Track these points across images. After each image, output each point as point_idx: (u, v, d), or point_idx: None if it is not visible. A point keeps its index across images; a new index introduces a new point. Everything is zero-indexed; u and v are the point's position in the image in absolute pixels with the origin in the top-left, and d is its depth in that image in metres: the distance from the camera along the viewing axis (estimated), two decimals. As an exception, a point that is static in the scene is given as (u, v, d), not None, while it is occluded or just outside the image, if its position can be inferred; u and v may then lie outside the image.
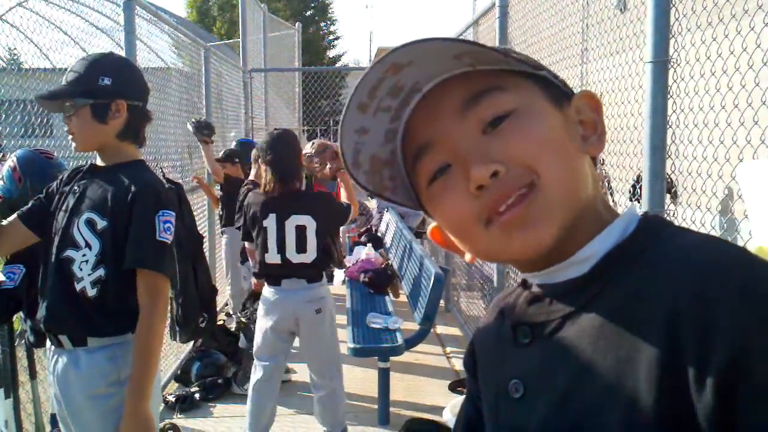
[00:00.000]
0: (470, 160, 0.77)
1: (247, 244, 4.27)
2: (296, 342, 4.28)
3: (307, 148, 4.86)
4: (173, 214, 2.34)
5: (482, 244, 0.81)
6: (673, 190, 2.67)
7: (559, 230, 0.77)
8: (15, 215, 2.41)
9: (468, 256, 0.88)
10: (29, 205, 2.44)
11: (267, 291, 4.05)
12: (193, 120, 6.08)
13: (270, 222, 3.90)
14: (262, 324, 4.03)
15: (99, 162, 2.42)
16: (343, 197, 4.41)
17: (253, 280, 4.79)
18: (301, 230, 3.90)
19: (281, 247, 3.89)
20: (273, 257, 3.92)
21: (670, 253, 0.72)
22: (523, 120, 0.79)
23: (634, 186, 2.99)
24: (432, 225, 0.91)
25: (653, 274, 0.71)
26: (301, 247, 3.90)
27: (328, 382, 4.08)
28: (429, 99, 0.82)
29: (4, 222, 2.39)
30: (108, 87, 2.33)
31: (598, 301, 0.76)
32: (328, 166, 4.77)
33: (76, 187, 2.36)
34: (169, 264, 2.34)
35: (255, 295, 5.01)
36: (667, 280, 0.69)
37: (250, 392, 4.11)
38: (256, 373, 4.08)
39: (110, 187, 2.31)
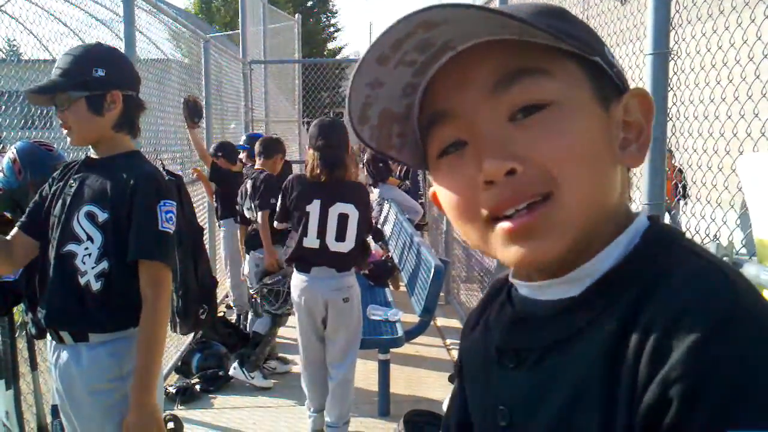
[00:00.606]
0: (487, 149, 0.70)
1: (277, 224, 4.30)
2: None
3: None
4: (174, 203, 2.31)
5: (476, 238, 0.75)
6: (682, 184, 2.63)
7: (567, 249, 0.70)
8: (16, 227, 2.38)
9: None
10: (27, 212, 2.41)
11: (296, 278, 4.07)
12: (189, 100, 5.98)
13: (314, 207, 3.93)
14: (299, 315, 4.10)
15: (93, 155, 2.38)
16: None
17: (266, 260, 4.95)
18: (343, 218, 3.94)
19: (321, 233, 3.92)
20: (311, 242, 3.94)
21: (663, 290, 0.65)
22: (559, 117, 0.69)
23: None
24: (433, 188, 0.84)
25: (641, 311, 0.65)
26: (341, 236, 3.94)
27: (344, 372, 4.12)
28: (461, 61, 0.72)
29: (8, 237, 2.36)
30: (102, 78, 2.28)
31: (587, 332, 0.69)
32: None
33: (72, 182, 2.33)
34: (171, 254, 2.32)
35: (266, 273, 5.12)
36: (654, 323, 0.63)
37: (303, 378, 4.24)
38: (306, 360, 4.19)
39: (109, 179, 2.27)
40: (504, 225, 0.70)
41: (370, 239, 6.93)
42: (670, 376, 0.59)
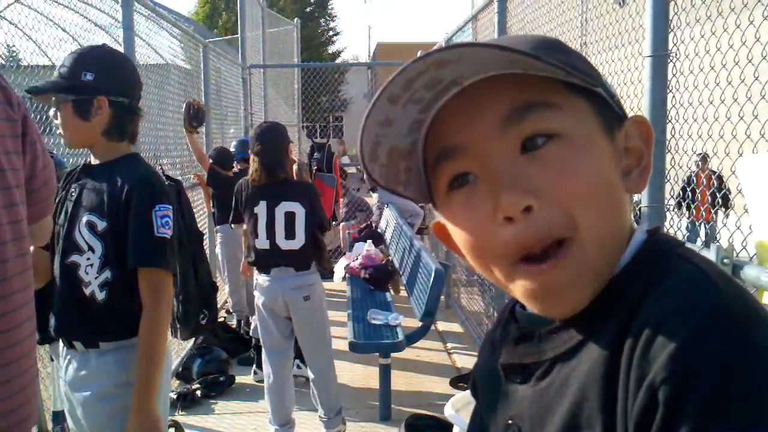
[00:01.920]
0: (503, 185, 0.70)
1: (234, 226, 4.48)
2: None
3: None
4: (170, 207, 2.27)
5: (500, 278, 0.75)
6: (722, 193, 2.39)
7: (592, 290, 0.71)
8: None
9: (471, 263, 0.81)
10: None
11: (259, 278, 4.17)
12: (192, 104, 5.95)
13: (261, 209, 4.05)
14: (260, 312, 4.17)
15: (92, 160, 2.36)
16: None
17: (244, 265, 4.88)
18: (290, 216, 4.05)
19: (270, 233, 4.03)
20: (262, 243, 4.05)
21: (652, 298, 0.66)
22: (570, 151, 0.70)
23: (684, 189, 2.64)
24: (435, 220, 0.85)
25: (633, 319, 0.66)
26: (290, 234, 4.04)
27: (320, 365, 4.22)
28: (467, 97, 0.73)
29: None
30: (90, 83, 2.24)
31: (588, 343, 0.71)
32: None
33: (72, 189, 2.32)
34: (170, 260, 2.27)
35: None
36: (642, 330, 0.64)
37: (266, 383, 4.22)
38: (268, 363, 4.20)
39: (105, 187, 2.25)
40: (527, 284, 0.71)
41: (370, 243, 6.97)
42: (656, 381, 0.60)
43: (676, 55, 2.47)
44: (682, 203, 2.58)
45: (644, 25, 2.48)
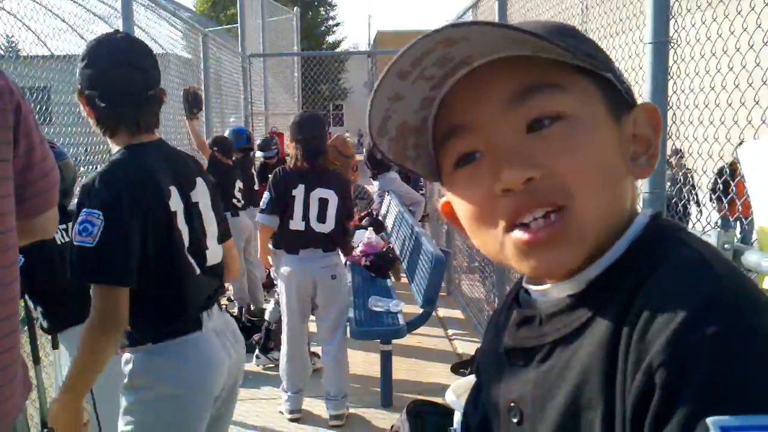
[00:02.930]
0: (505, 160, 0.71)
1: (261, 216, 4.49)
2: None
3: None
4: (96, 212, 2.02)
5: (494, 249, 0.77)
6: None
7: (580, 259, 0.73)
8: None
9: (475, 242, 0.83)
10: None
11: (286, 260, 4.41)
12: (189, 91, 5.95)
13: (298, 192, 4.30)
14: (288, 290, 4.40)
15: None
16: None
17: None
18: (323, 202, 4.34)
19: (305, 216, 4.30)
20: (297, 224, 4.31)
21: (651, 282, 0.67)
22: (576, 131, 0.72)
23: (716, 181, 2.52)
24: (444, 199, 0.87)
25: (633, 304, 0.66)
26: (321, 218, 4.33)
27: (335, 348, 4.48)
28: (477, 76, 0.74)
29: None
30: (79, 80, 2.18)
31: (589, 326, 0.71)
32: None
33: None
34: (89, 271, 2.05)
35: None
36: (641, 314, 0.64)
37: (286, 355, 4.49)
38: (288, 339, 4.48)
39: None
40: (521, 236, 0.72)
41: (371, 231, 6.97)
42: (653, 365, 0.60)
43: (677, 41, 2.47)
44: (712, 196, 2.47)
45: (645, 11, 2.48)
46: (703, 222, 2.40)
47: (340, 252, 4.60)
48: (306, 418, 4.48)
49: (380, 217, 7.95)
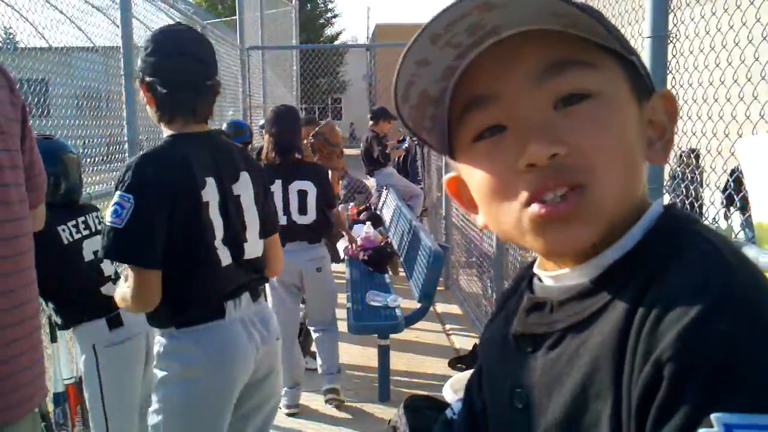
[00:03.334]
0: (533, 135, 0.70)
1: None
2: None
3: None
4: (128, 195, 2.13)
5: (510, 224, 0.75)
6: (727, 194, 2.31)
7: (596, 238, 0.72)
8: None
9: (480, 220, 0.83)
10: None
11: None
12: None
13: (276, 187, 4.27)
14: (275, 284, 4.43)
15: None
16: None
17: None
18: (303, 194, 4.39)
19: (286, 210, 4.33)
20: (279, 219, 4.22)
21: (665, 274, 0.66)
22: (603, 109, 0.71)
23: (727, 181, 2.41)
24: (451, 175, 0.86)
25: (647, 295, 0.66)
26: (302, 210, 4.39)
27: (325, 325, 4.61)
28: (504, 48, 0.73)
29: None
30: (138, 68, 2.35)
31: (600, 315, 0.71)
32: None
33: None
34: (119, 250, 2.18)
35: None
36: (654, 306, 0.64)
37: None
38: (281, 332, 4.50)
39: None
40: (538, 210, 0.71)
41: (369, 225, 6.98)
42: (663, 357, 0.60)
43: (676, 35, 2.46)
44: (735, 197, 2.34)
45: (644, 5, 2.47)
46: (717, 222, 2.40)
47: (324, 245, 4.66)
48: (304, 413, 4.48)
49: (378, 212, 7.95)
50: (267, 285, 4.35)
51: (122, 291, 2.25)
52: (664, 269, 0.66)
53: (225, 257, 2.31)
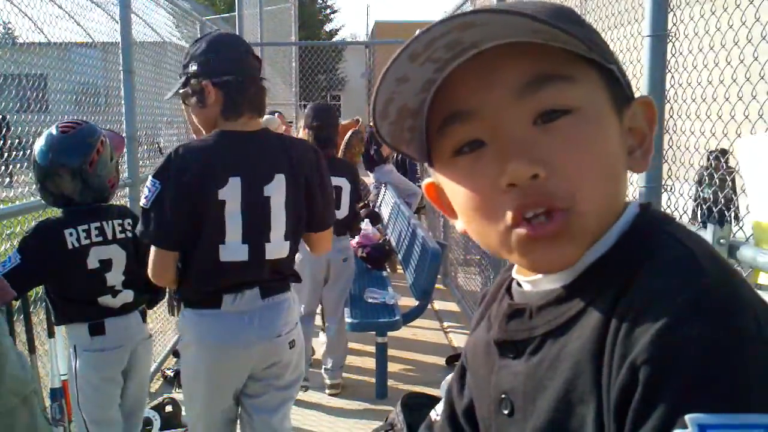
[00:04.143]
0: (512, 153, 0.70)
1: None
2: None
3: None
4: (155, 180, 2.33)
5: (495, 241, 0.75)
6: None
7: (582, 252, 0.73)
8: None
9: (459, 226, 0.82)
10: None
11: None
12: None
13: None
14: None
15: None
16: None
17: None
18: (338, 190, 4.45)
19: None
20: None
21: (639, 277, 0.67)
22: (583, 126, 0.71)
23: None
24: (429, 180, 0.86)
25: (622, 297, 0.67)
26: (336, 205, 4.42)
27: (337, 323, 4.76)
28: (484, 61, 0.72)
29: None
30: (196, 72, 2.43)
31: (578, 319, 0.71)
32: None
33: None
34: (149, 231, 2.38)
35: None
36: (629, 309, 0.65)
37: None
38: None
39: None
40: (526, 232, 0.71)
41: (367, 222, 6.98)
42: (637, 360, 0.61)
43: (675, 34, 2.46)
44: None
45: (643, 4, 2.47)
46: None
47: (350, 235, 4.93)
48: (301, 409, 4.48)
49: (377, 209, 7.95)
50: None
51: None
52: (637, 272, 0.67)
53: (241, 254, 2.42)
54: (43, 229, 2.77)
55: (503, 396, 0.79)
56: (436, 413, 1.04)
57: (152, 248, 2.42)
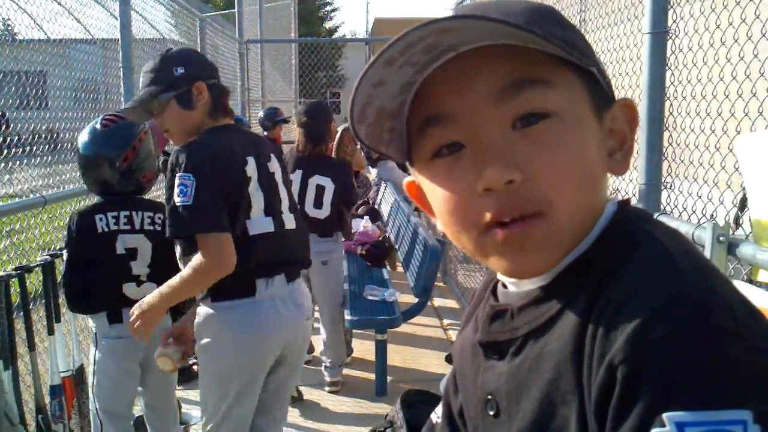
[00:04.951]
0: (489, 158, 0.70)
1: None
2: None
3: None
4: (187, 175, 2.36)
5: (471, 245, 0.76)
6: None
7: (558, 258, 0.73)
8: None
9: (440, 226, 0.81)
10: None
11: None
12: None
13: (295, 176, 4.45)
14: None
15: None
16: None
17: None
18: (320, 189, 4.55)
19: (301, 201, 4.43)
20: None
21: (615, 276, 0.67)
22: (561, 131, 0.71)
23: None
24: (410, 179, 0.86)
25: (599, 297, 0.67)
26: (318, 204, 4.56)
27: (330, 318, 4.76)
28: (463, 64, 0.72)
29: None
30: (184, 75, 2.48)
31: (558, 319, 0.72)
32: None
33: None
34: (191, 224, 2.40)
35: None
36: (605, 309, 0.66)
37: None
38: None
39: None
40: (498, 235, 0.71)
41: (367, 219, 6.97)
42: (615, 360, 0.62)
43: (675, 32, 2.46)
44: None
45: (644, 1, 2.47)
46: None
47: (340, 241, 4.81)
48: (301, 407, 4.48)
49: (377, 206, 7.94)
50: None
51: (194, 266, 2.41)
52: (614, 272, 0.68)
53: (267, 226, 2.56)
54: (77, 214, 2.95)
55: (489, 397, 0.80)
56: (437, 415, 1.04)
57: (211, 239, 2.40)
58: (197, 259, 2.41)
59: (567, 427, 0.68)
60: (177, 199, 2.37)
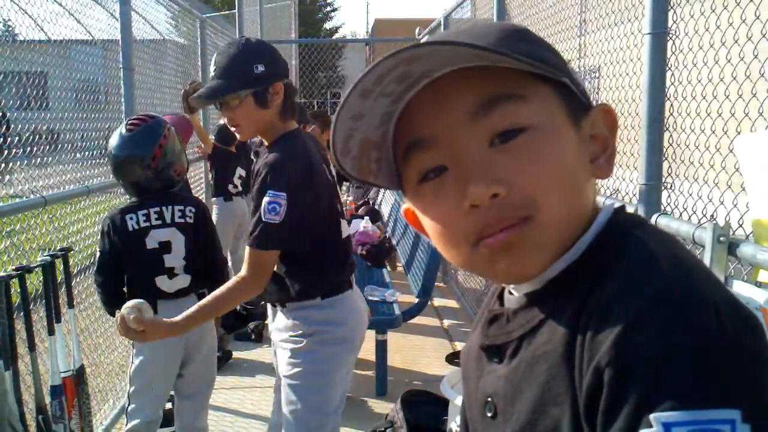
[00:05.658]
0: (471, 176, 0.72)
1: None
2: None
3: None
4: (281, 194, 2.39)
5: (463, 262, 0.78)
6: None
7: (546, 262, 0.75)
8: None
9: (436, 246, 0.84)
10: None
11: None
12: (189, 92, 5.99)
13: None
14: None
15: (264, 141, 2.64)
16: None
17: None
18: None
19: None
20: None
21: (604, 280, 0.69)
22: (538, 142, 0.73)
23: None
24: (406, 206, 0.87)
25: (589, 301, 0.69)
26: None
27: None
28: (438, 89, 0.74)
29: None
30: (264, 73, 2.48)
31: (550, 322, 0.74)
32: None
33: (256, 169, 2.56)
34: (272, 242, 2.44)
35: None
36: (593, 312, 0.67)
37: None
38: None
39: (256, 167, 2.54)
40: (487, 240, 0.73)
41: (367, 220, 6.98)
42: (601, 363, 0.63)
43: (675, 32, 2.46)
44: None
45: (644, 2, 2.47)
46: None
47: None
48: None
49: (377, 206, 7.94)
50: None
51: (239, 281, 2.47)
52: (603, 276, 0.69)
53: (345, 230, 2.68)
54: (109, 217, 3.11)
55: (488, 399, 0.82)
56: (457, 425, 1.06)
57: (271, 256, 2.47)
58: (245, 277, 2.47)
59: (559, 429, 0.69)
60: (266, 216, 2.40)
